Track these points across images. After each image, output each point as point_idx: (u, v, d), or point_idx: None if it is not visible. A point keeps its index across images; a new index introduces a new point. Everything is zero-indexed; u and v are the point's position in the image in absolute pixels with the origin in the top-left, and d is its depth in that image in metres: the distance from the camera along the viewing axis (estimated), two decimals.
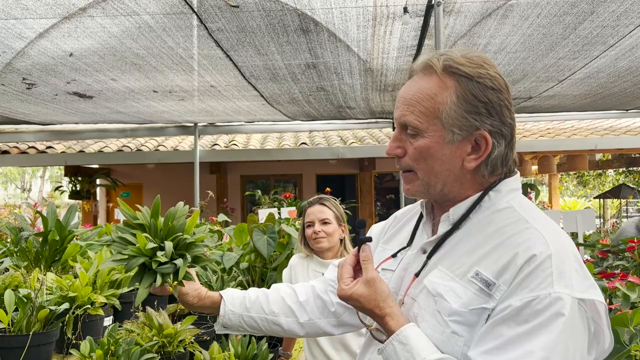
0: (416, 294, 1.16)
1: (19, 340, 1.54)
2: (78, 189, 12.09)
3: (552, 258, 1.02)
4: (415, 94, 1.14)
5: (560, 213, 5.21)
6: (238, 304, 1.44)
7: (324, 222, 2.76)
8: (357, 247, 1.21)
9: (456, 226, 1.16)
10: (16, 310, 1.64)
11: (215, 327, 1.46)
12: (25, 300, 1.61)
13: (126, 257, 1.20)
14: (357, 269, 1.20)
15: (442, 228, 1.18)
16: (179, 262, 1.20)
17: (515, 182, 1.18)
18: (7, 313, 1.59)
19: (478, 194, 1.16)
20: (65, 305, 1.71)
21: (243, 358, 1.91)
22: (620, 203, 13.85)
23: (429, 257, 1.17)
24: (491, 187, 1.15)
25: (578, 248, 3.87)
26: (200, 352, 1.84)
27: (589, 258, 3.58)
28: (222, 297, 1.44)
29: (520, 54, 4.67)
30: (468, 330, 1.06)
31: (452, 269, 1.12)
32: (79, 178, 12.12)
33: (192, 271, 1.40)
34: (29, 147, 10.54)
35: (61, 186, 12.58)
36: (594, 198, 13.57)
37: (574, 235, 4.42)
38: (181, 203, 1.36)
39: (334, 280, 1.44)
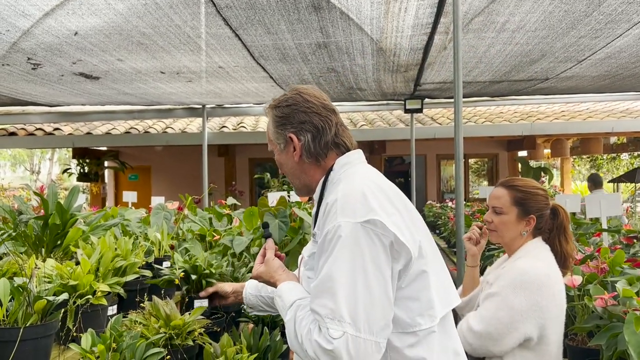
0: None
1: (13, 333, 1.44)
2: (86, 171, 12.03)
3: (337, 201, 1.39)
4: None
5: (582, 197, 5.05)
6: (254, 287, 1.93)
7: None
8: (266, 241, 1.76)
9: (319, 204, 1.54)
10: (13, 300, 1.54)
11: (245, 307, 1.99)
12: (21, 290, 1.50)
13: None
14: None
15: (314, 209, 1.61)
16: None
17: (346, 158, 1.56)
18: (1, 304, 1.49)
19: (324, 177, 1.57)
20: (64, 296, 1.60)
21: (255, 350, 1.81)
22: (635, 187, 13.64)
23: (314, 234, 1.55)
24: (330, 168, 1.56)
25: (599, 234, 3.73)
26: (210, 344, 1.74)
27: (607, 244, 3.45)
28: (244, 285, 1.97)
29: (540, 32, 4.50)
30: (313, 273, 1.43)
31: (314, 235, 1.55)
32: (87, 160, 12.06)
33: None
34: (37, 129, 10.48)
35: (69, 168, 12.54)
36: (608, 182, 13.37)
37: (593, 222, 4.27)
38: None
39: None
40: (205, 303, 1.91)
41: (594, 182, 8.60)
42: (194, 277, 1.94)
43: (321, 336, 1.29)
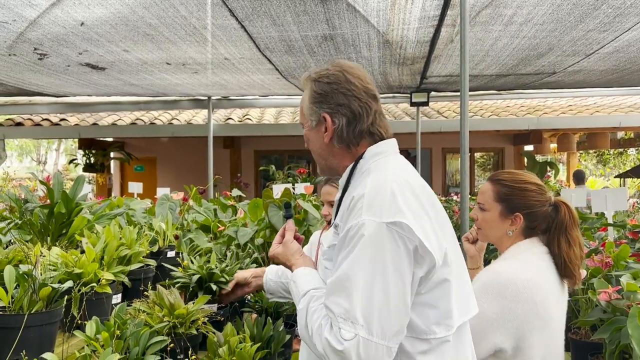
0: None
1: (18, 319, 1.44)
2: (92, 162, 12.07)
3: (364, 196, 1.33)
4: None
5: (590, 192, 5.03)
6: (274, 273, 1.99)
7: (331, 204, 2.64)
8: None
9: (344, 191, 1.49)
10: (18, 287, 1.55)
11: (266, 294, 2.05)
12: (27, 277, 1.51)
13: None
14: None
15: (337, 195, 1.54)
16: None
17: (377, 147, 1.48)
18: (7, 291, 1.50)
19: (352, 164, 1.49)
20: (69, 284, 1.61)
21: (259, 340, 1.82)
22: None
23: (336, 225, 1.49)
24: (360, 156, 1.48)
25: (605, 229, 3.72)
26: (214, 333, 1.75)
27: (613, 239, 3.43)
28: (265, 270, 2.03)
29: (548, 25, 4.47)
30: (332, 265, 1.38)
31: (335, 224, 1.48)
32: (93, 151, 12.10)
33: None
34: (43, 119, 10.51)
35: (75, 159, 12.58)
36: (615, 177, 13.31)
37: (599, 216, 4.26)
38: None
39: None
40: (214, 307, 1.95)
41: (577, 178, 9.26)
42: (213, 286, 1.99)
43: (332, 335, 1.26)
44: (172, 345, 1.59)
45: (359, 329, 1.24)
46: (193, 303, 1.79)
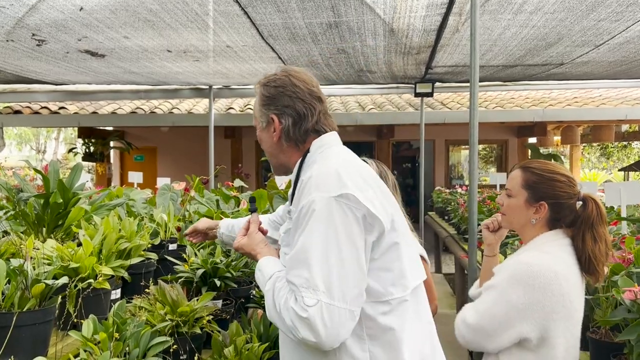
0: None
1: (8, 318, 1.34)
2: (92, 151, 11.98)
3: (312, 177, 1.46)
4: None
5: (599, 185, 4.94)
6: (225, 227, 2.12)
7: None
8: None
9: (296, 183, 1.59)
10: (10, 284, 1.45)
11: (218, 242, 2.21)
12: (18, 272, 1.41)
13: None
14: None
15: (291, 190, 1.65)
16: None
17: (321, 140, 1.61)
18: None
19: (301, 158, 1.62)
20: (65, 279, 1.51)
21: (266, 339, 1.72)
22: None
23: (289, 211, 1.61)
24: (307, 150, 1.61)
25: (617, 223, 3.63)
26: (219, 332, 1.65)
27: (626, 233, 3.35)
28: (218, 224, 2.18)
29: (559, 14, 4.35)
30: (290, 249, 1.46)
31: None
32: (93, 140, 12.00)
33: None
34: (42, 108, 10.40)
35: (75, 148, 12.49)
36: (619, 170, 13.21)
37: (609, 210, 4.16)
38: None
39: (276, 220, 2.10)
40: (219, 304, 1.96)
41: None
42: (217, 282, 1.99)
43: (297, 304, 1.34)
44: (175, 346, 1.49)
45: (320, 294, 1.33)
46: (197, 300, 1.69)
